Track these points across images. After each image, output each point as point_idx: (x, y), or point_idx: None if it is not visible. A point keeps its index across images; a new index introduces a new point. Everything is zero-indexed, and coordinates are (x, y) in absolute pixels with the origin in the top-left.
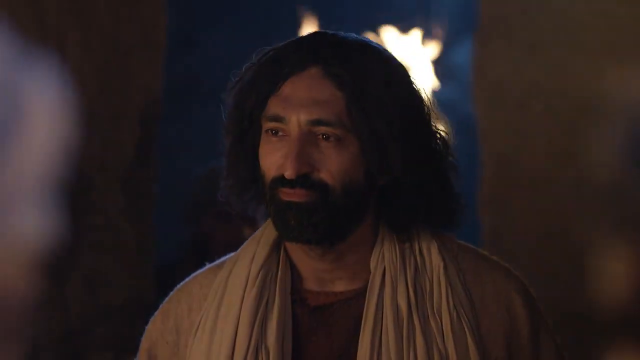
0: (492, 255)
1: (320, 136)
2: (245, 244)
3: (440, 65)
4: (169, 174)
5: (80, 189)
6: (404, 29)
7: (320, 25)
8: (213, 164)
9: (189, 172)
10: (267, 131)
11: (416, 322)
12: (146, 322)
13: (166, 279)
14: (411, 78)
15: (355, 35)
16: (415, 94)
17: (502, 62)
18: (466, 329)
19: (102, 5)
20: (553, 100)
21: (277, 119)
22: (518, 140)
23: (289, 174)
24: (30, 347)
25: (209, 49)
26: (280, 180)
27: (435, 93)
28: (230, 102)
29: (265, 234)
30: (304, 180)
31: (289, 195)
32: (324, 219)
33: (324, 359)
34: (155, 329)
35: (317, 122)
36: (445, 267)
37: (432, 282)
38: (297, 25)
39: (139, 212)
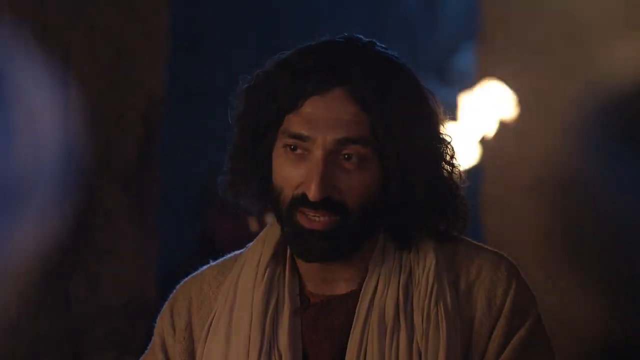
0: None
1: (343, 156)
2: (251, 245)
3: (445, 71)
4: (171, 176)
5: (83, 190)
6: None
7: (327, 33)
8: (213, 163)
9: (191, 173)
10: (285, 146)
11: (402, 320)
12: (148, 323)
13: (168, 279)
14: (429, 95)
15: (379, 45)
16: (434, 114)
17: (504, 66)
18: (443, 326)
19: (105, 7)
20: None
21: (301, 138)
22: (519, 143)
23: (313, 196)
24: (32, 347)
25: (215, 51)
26: (302, 200)
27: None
28: (243, 106)
29: (268, 236)
30: (326, 202)
31: (311, 222)
32: (344, 242)
33: (323, 357)
34: (164, 325)
35: (345, 141)
36: (436, 264)
37: (422, 279)
38: (302, 31)
39: (141, 213)
